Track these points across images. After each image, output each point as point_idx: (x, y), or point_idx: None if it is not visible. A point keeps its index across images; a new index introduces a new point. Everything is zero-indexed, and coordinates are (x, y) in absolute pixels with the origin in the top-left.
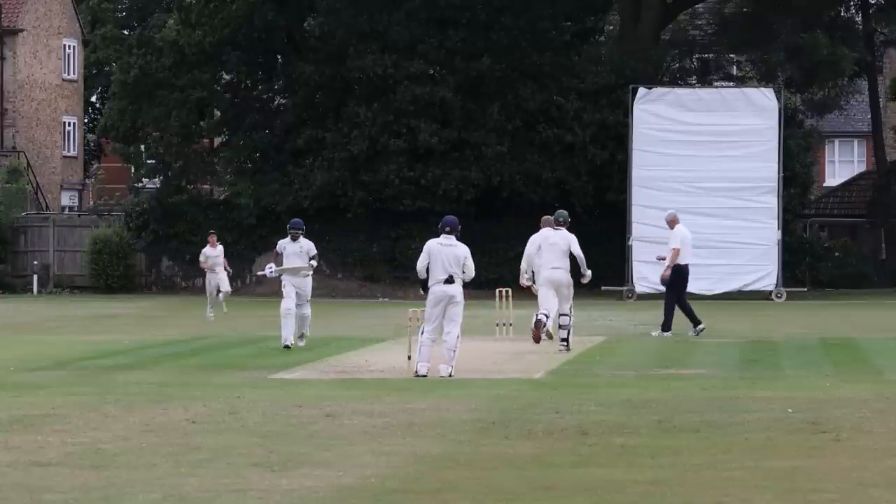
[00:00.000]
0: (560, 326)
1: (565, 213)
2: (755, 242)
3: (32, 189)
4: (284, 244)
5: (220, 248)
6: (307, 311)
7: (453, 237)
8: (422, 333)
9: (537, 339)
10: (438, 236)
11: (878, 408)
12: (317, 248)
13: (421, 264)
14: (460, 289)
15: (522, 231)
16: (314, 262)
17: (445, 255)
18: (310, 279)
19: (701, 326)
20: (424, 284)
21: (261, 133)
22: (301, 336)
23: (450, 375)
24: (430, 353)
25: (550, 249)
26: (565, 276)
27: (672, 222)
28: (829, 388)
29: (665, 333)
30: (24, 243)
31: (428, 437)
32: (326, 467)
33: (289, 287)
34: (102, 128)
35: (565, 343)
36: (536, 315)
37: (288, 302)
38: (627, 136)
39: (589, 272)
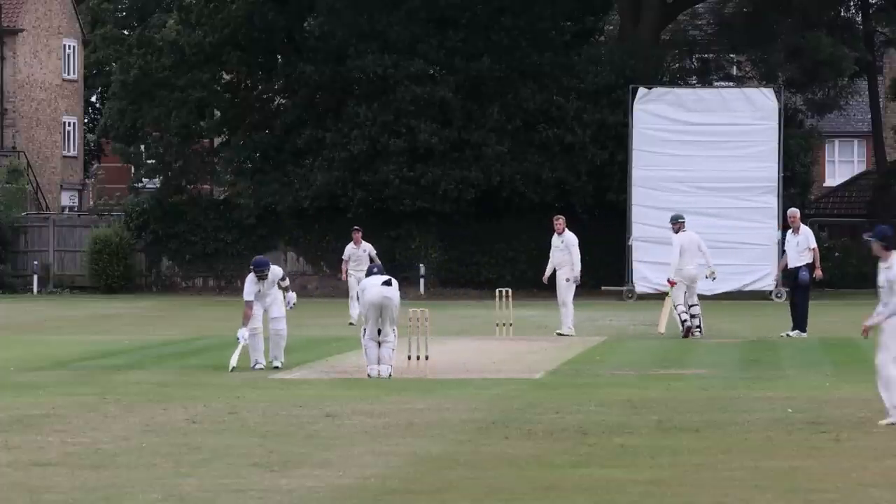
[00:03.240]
0: (692, 316)
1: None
2: (755, 242)
3: (32, 189)
4: (256, 287)
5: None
6: (281, 325)
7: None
8: (363, 336)
9: (688, 334)
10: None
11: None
12: (317, 249)
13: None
14: (396, 292)
15: (522, 231)
16: (287, 283)
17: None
18: (280, 294)
19: (797, 333)
20: None
21: (261, 133)
22: (274, 358)
23: (389, 376)
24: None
25: (690, 249)
26: (701, 273)
27: (798, 221)
28: (829, 388)
29: (803, 334)
30: (24, 243)
31: (428, 437)
32: (326, 467)
33: (256, 306)
34: (102, 128)
35: (699, 328)
36: (681, 314)
37: (254, 321)
38: (627, 136)
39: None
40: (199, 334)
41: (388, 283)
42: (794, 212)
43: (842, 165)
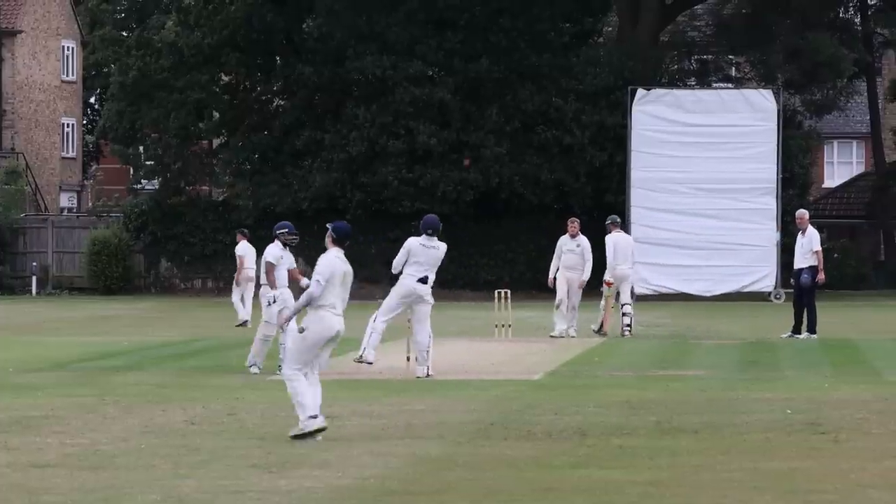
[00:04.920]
0: (624, 314)
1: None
2: (754, 244)
3: (31, 190)
4: (279, 253)
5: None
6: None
7: (435, 238)
8: (374, 321)
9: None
10: (420, 236)
11: (877, 409)
12: (315, 250)
13: (398, 262)
14: (429, 290)
15: (521, 232)
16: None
17: (427, 255)
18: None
19: (806, 335)
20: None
21: (259, 134)
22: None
23: (427, 375)
24: (379, 341)
25: (622, 250)
26: (631, 274)
27: (806, 222)
28: (828, 389)
29: (813, 336)
30: (22, 245)
31: (427, 438)
32: (325, 468)
33: (275, 306)
34: (101, 129)
35: (629, 328)
36: (627, 309)
37: (269, 328)
38: (626, 138)
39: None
40: (198, 336)
41: (423, 280)
42: (801, 213)
43: (841, 167)
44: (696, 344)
